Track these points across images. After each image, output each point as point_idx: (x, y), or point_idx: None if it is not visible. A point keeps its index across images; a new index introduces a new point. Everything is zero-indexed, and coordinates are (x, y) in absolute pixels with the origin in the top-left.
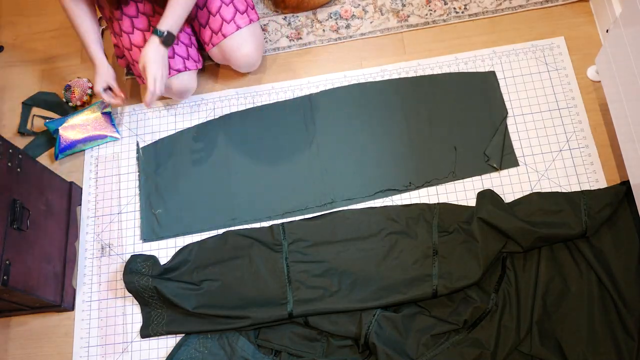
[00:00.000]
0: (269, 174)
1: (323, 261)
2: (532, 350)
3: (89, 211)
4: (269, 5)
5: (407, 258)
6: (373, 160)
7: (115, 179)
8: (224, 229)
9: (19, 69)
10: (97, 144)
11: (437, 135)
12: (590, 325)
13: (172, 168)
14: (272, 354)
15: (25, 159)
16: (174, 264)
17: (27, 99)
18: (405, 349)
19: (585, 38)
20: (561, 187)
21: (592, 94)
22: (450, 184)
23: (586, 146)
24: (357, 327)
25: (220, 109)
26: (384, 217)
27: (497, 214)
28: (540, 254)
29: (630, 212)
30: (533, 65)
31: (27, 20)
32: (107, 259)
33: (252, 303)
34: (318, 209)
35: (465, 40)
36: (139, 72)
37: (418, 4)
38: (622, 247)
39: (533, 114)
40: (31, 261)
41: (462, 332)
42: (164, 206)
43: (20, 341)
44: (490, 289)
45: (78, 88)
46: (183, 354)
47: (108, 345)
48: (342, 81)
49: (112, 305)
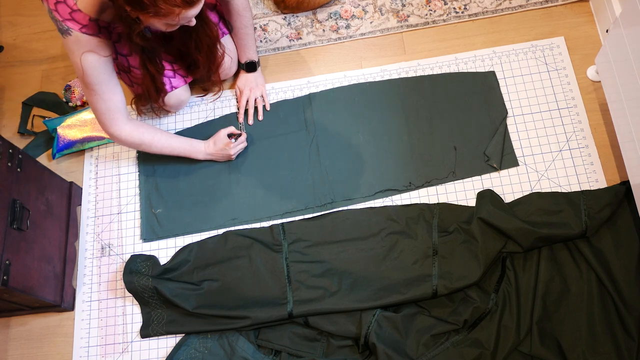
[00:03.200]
0: (269, 173)
1: (323, 261)
2: (532, 350)
3: (89, 211)
4: (269, 5)
5: (407, 258)
6: (373, 160)
7: (115, 179)
8: (224, 229)
9: (19, 69)
10: (95, 144)
11: (437, 135)
12: (590, 325)
13: (172, 168)
14: (272, 354)
15: (25, 159)
16: (174, 264)
17: (27, 99)
18: (405, 349)
19: (585, 38)
20: (561, 187)
21: (592, 94)
22: (450, 184)
23: (586, 146)
24: (357, 327)
25: (220, 109)
26: (384, 217)
27: (497, 214)
28: (540, 254)
29: (630, 212)
30: (533, 65)
31: (27, 20)
32: (107, 259)
33: (252, 303)
34: (318, 209)
35: (465, 40)
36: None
37: (418, 4)
38: (622, 247)
39: (533, 114)
40: (31, 261)
41: (462, 332)
42: (164, 206)
43: (20, 341)
44: (490, 289)
45: (78, 88)
46: (183, 354)
47: (108, 345)
48: (342, 81)
49: (112, 305)
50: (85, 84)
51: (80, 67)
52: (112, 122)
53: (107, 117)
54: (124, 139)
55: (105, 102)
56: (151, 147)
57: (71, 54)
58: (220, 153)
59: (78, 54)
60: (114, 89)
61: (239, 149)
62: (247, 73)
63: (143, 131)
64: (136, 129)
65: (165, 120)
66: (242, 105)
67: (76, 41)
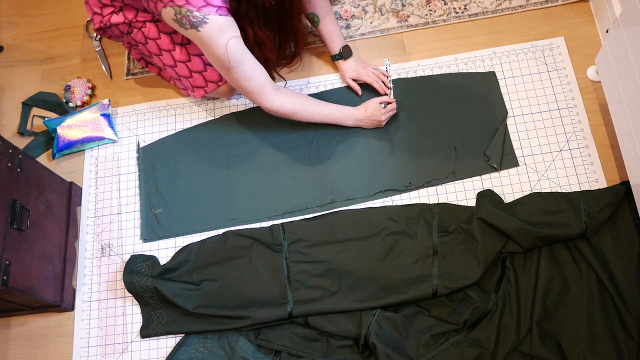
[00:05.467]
0: (269, 173)
1: (323, 261)
2: (532, 350)
3: (89, 211)
4: None
5: (407, 258)
6: (373, 160)
7: (115, 179)
8: (224, 229)
9: (19, 69)
10: (95, 145)
11: (437, 135)
12: (590, 325)
13: (172, 168)
14: (272, 354)
15: (25, 159)
16: (174, 264)
17: (27, 99)
18: (405, 349)
19: (585, 38)
20: (561, 187)
21: (592, 94)
22: (450, 184)
23: (586, 146)
24: (357, 327)
25: (220, 109)
26: (384, 217)
27: (497, 214)
28: (540, 254)
29: (630, 212)
30: (533, 65)
31: (27, 20)
32: (107, 259)
33: (252, 303)
34: (318, 209)
35: (465, 41)
36: (168, 76)
37: (418, 4)
38: (622, 247)
39: (533, 114)
40: (31, 261)
41: (462, 332)
42: (164, 206)
43: (20, 341)
44: (490, 289)
45: (78, 88)
46: (183, 354)
47: (108, 346)
48: (342, 81)
49: (112, 305)
50: (227, 70)
51: (224, 54)
52: (262, 96)
53: (256, 93)
54: (276, 110)
55: (251, 80)
56: (303, 115)
57: (211, 45)
58: (370, 119)
59: (221, 41)
60: (254, 64)
61: (389, 115)
62: (346, 60)
63: (294, 100)
64: (286, 99)
65: (165, 120)
66: (378, 79)
67: (216, 27)
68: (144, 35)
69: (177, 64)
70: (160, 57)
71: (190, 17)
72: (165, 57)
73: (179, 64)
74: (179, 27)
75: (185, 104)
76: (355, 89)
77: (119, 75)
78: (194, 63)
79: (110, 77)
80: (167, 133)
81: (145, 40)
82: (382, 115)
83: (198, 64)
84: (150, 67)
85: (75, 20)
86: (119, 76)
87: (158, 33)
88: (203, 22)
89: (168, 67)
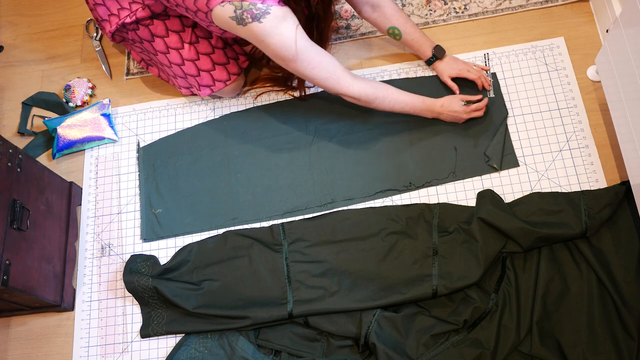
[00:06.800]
0: (269, 173)
1: (323, 261)
2: (532, 350)
3: (89, 211)
4: None
5: (407, 258)
6: (373, 160)
7: (115, 179)
8: (224, 229)
9: (19, 69)
10: (95, 144)
11: (438, 135)
12: (590, 325)
13: (172, 168)
14: (272, 354)
15: (25, 159)
16: (174, 264)
17: (27, 99)
18: (405, 349)
19: (585, 38)
20: (561, 187)
21: (592, 94)
22: (450, 184)
23: (586, 146)
24: (357, 327)
25: (220, 108)
26: (384, 217)
27: (497, 214)
28: (540, 254)
29: (630, 212)
30: (533, 65)
31: (27, 20)
32: (107, 259)
33: (252, 303)
34: (318, 209)
35: (465, 41)
36: (171, 74)
37: (418, 4)
38: (622, 247)
39: (533, 114)
40: (31, 261)
41: (462, 332)
42: (164, 206)
43: (20, 341)
44: (490, 289)
45: (78, 88)
46: (183, 354)
47: (108, 345)
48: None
49: (112, 305)
50: (294, 58)
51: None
52: (340, 81)
53: (332, 79)
54: (358, 95)
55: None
56: (384, 102)
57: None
58: (451, 115)
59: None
60: (320, 49)
61: (472, 115)
62: (442, 60)
63: (374, 85)
64: (365, 84)
65: (165, 120)
66: (480, 75)
67: (279, 16)
68: (151, 32)
69: (184, 63)
70: (167, 55)
71: (253, 9)
72: (173, 55)
73: (187, 62)
74: (234, 25)
75: (185, 104)
76: (454, 89)
77: (119, 75)
78: (202, 62)
79: (110, 77)
80: (167, 133)
81: (152, 37)
82: (465, 114)
83: (207, 63)
84: (150, 69)
85: (75, 20)
86: (119, 76)
87: (166, 31)
88: (266, 13)
89: (174, 65)
